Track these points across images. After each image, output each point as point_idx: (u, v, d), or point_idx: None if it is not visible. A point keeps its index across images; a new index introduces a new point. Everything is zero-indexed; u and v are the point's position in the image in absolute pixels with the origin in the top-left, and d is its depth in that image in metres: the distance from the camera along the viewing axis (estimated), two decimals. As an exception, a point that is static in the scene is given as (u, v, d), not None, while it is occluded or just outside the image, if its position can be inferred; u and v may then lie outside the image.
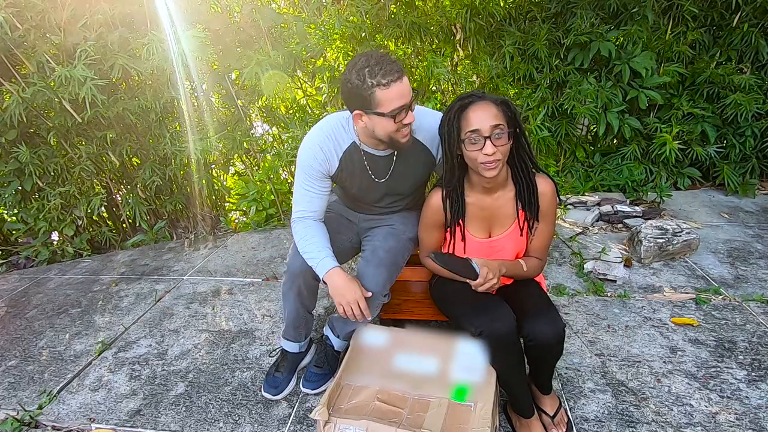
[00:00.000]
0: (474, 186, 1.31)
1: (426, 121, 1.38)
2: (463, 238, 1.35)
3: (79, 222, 3.16)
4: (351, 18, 3.11)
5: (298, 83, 3.61)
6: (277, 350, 1.80)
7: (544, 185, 1.30)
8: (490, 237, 1.36)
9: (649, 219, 2.79)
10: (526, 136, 1.24)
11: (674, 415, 1.43)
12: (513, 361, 1.25)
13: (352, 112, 1.25)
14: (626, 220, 2.81)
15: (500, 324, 1.18)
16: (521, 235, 1.34)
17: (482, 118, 1.14)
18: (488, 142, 1.14)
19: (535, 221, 1.32)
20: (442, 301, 1.47)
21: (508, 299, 1.30)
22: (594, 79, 3.09)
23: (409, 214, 1.59)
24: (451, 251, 1.40)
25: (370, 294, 1.37)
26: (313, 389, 1.56)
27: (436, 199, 1.33)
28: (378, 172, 1.42)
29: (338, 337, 1.60)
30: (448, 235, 1.39)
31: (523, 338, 1.22)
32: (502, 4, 3.25)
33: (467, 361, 1.31)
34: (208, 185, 3.38)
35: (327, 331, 1.64)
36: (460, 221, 1.33)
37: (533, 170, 1.28)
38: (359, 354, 1.41)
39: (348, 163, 1.40)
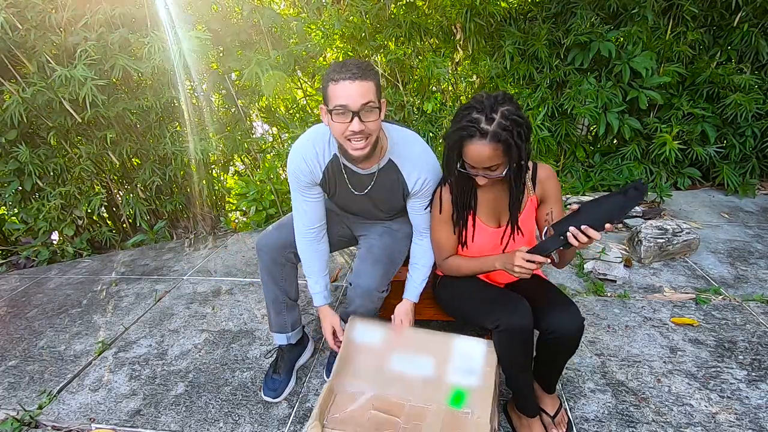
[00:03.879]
0: None
1: (410, 150, 1.37)
2: (474, 225, 1.35)
3: (79, 222, 3.16)
4: (351, 18, 3.11)
5: (298, 83, 3.62)
6: (274, 351, 1.81)
7: (544, 170, 1.32)
8: (499, 226, 1.36)
9: (649, 219, 2.79)
10: (525, 164, 1.19)
11: (674, 415, 1.43)
12: (525, 357, 1.24)
13: None
14: (626, 220, 2.81)
15: (519, 317, 1.17)
16: (534, 215, 1.34)
17: (478, 158, 1.13)
18: (479, 176, 1.18)
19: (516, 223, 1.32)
20: (450, 299, 1.45)
21: (524, 295, 1.30)
22: (594, 79, 3.09)
23: (401, 216, 1.59)
24: (463, 241, 1.38)
25: (341, 330, 1.48)
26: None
27: (445, 192, 1.33)
28: (357, 186, 1.42)
29: None
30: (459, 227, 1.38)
31: (542, 332, 1.22)
32: (502, 4, 3.25)
33: (464, 362, 1.28)
34: (208, 185, 3.38)
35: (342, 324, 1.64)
36: (471, 213, 1.33)
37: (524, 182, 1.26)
38: (352, 354, 1.38)
39: (331, 174, 1.40)
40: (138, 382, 1.71)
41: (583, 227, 1.07)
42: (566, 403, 1.49)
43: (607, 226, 1.07)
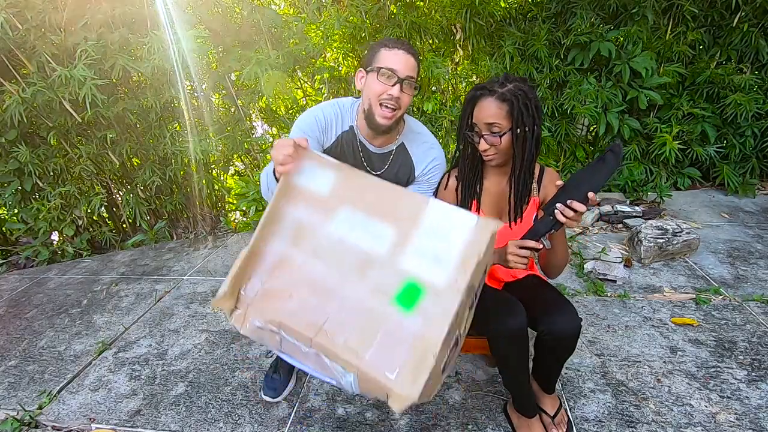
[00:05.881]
0: (489, 168, 1.34)
1: (421, 137, 1.41)
2: (478, 213, 1.35)
3: (79, 222, 3.16)
4: (351, 18, 3.11)
5: (298, 83, 3.62)
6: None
7: (549, 174, 1.33)
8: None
9: (649, 219, 2.79)
10: (529, 139, 1.20)
11: (674, 415, 1.43)
12: (521, 358, 1.24)
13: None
14: (626, 220, 2.81)
15: (515, 319, 1.17)
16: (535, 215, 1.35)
17: (482, 115, 1.19)
18: (481, 139, 1.22)
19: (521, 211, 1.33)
20: None
21: (520, 296, 1.30)
22: (594, 79, 3.09)
23: None
24: None
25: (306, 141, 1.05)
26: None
27: (452, 177, 1.36)
28: (373, 166, 1.44)
29: None
30: None
31: (539, 333, 1.22)
32: (502, 4, 3.25)
33: (433, 241, 0.88)
34: (208, 185, 3.38)
35: None
36: (475, 200, 1.34)
37: (529, 169, 1.27)
38: (286, 204, 1.00)
39: (343, 145, 1.41)
40: (138, 382, 1.71)
41: (568, 201, 1.09)
42: (566, 403, 1.49)
43: (592, 196, 1.08)
